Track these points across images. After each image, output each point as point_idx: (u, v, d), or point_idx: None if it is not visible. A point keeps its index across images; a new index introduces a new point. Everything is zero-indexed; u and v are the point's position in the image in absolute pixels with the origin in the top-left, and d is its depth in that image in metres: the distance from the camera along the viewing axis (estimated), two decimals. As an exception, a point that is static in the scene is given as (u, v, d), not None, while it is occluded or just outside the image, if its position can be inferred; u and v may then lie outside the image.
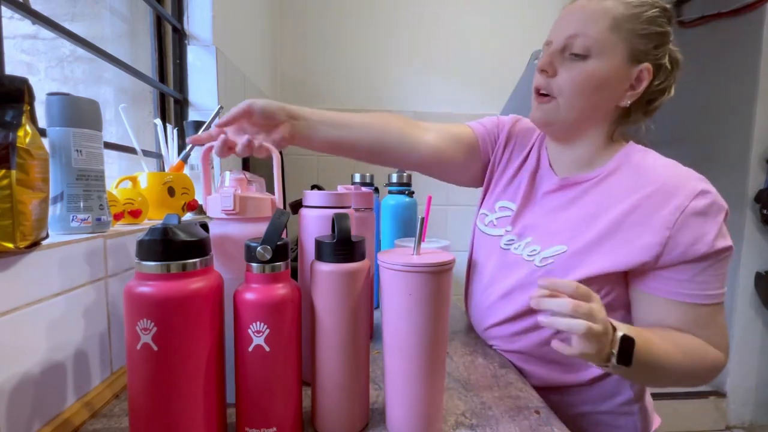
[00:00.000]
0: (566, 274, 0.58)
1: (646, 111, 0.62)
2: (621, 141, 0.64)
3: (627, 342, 0.47)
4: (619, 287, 0.60)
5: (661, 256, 0.54)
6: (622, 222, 0.56)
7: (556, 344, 0.47)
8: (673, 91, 0.61)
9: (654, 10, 0.56)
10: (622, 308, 0.61)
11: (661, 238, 0.53)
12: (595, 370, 0.61)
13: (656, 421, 0.70)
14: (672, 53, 0.59)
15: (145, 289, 0.35)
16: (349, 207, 0.54)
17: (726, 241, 0.53)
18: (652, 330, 0.54)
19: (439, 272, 0.42)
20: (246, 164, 1.19)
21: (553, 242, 0.61)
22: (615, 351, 0.46)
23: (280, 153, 1.92)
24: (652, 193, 0.55)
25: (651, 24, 0.56)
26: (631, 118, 0.62)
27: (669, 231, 0.53)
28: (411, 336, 0.43)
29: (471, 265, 0.77)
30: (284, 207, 0.55)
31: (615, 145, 0.63)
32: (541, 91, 0.62)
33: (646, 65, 0.57)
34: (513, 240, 0.67)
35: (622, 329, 0.48)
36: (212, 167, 0.91)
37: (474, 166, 0.77)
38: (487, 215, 0.75)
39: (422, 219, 0.46)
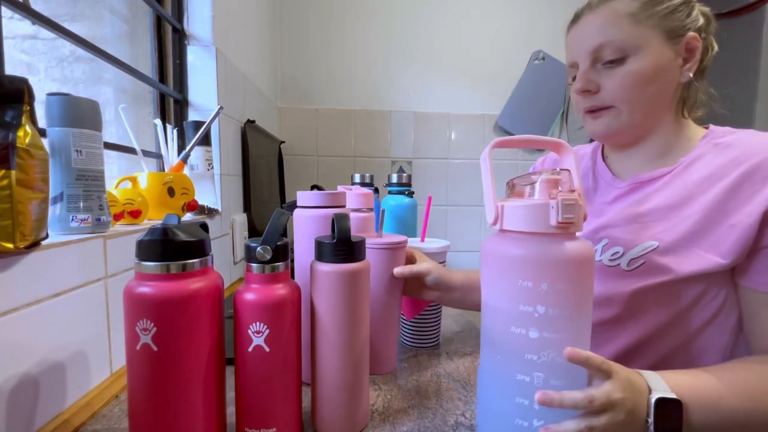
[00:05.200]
0: (664, 275, 0.50)
1: (699, 73, 0.57)
2: (697, 125, 0.59)
3: (668, 406, 0.37)
4: (728, 286, 0.51)
5: (763, 235, 0.47)
6: (721, 206, 0.49)
7: None
8: (716, 46, 0.57)
9: None
10: (737, 310, 0.52)
11: (763, 211, 0.46)
12: None
13: None
14: (702, 11, 0.55)
15: (144, 289, 0.34)
16: (342, 206, 0.54)
17: None
18: (727, 370, 0.44)
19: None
20: (246, 164, 1.20)
21: (638, 240, 0.53)
22: (650, 420, 0.37)
23: (280, 153, 1.90)
24: (753, 168, 0.48)
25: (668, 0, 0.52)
26: (694, 87, 0.57)
27: None
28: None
29: None
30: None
31: (692, 128, 0.58)
32: (591, 109, 0.58)
33: (691, 35, 0.53)
34: None
35: (661, 388, 0.38)
36: (210, 168, 0.91)
37: None
38: None
39: (383, 211, 0.48)
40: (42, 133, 0.47)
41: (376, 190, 0.99)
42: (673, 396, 0.38)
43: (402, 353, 0.68)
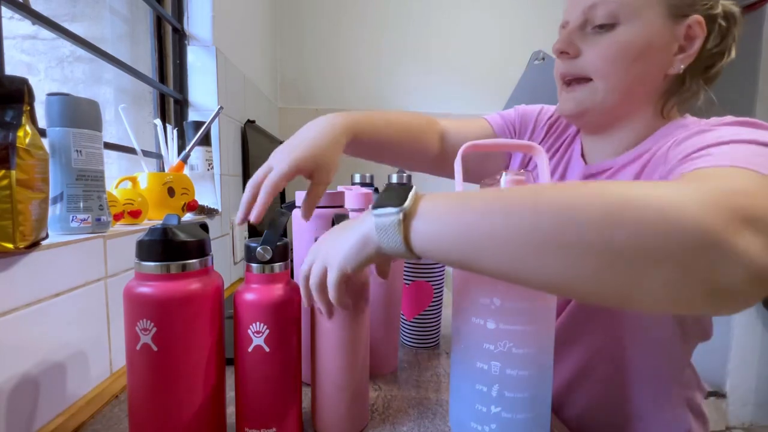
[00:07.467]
0: None
1: (705, 78, 0.50)
2: (676, 116, 0.52)
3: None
4: None
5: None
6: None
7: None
8: (733, 53, 0.49)
9: None
10: None
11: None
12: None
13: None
14: (725, 6, 0.48)
15: (144, 289, 0.34)
16: (341, 206, 0.54)
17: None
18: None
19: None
20: (246, 164, 1.20)
21: None
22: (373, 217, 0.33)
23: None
24: (679, 138, 0.43)
25: None
26: (686, 86, 0.50)
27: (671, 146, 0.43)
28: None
29: None
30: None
31: (665, 122, 0.51)
32: (568, 78, 0.51)
33: (695, 18, 0.46)
34: None
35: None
36: (210, 168, 0.91)
37: (492, 163, 0.68)
38: None
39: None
40: (42, 133, 0.47)
41: (376, 190, 0.99)
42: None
43: (402, 353, 0.68)
